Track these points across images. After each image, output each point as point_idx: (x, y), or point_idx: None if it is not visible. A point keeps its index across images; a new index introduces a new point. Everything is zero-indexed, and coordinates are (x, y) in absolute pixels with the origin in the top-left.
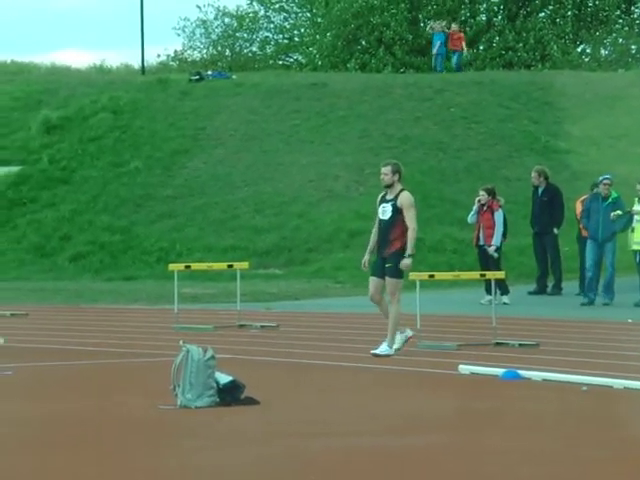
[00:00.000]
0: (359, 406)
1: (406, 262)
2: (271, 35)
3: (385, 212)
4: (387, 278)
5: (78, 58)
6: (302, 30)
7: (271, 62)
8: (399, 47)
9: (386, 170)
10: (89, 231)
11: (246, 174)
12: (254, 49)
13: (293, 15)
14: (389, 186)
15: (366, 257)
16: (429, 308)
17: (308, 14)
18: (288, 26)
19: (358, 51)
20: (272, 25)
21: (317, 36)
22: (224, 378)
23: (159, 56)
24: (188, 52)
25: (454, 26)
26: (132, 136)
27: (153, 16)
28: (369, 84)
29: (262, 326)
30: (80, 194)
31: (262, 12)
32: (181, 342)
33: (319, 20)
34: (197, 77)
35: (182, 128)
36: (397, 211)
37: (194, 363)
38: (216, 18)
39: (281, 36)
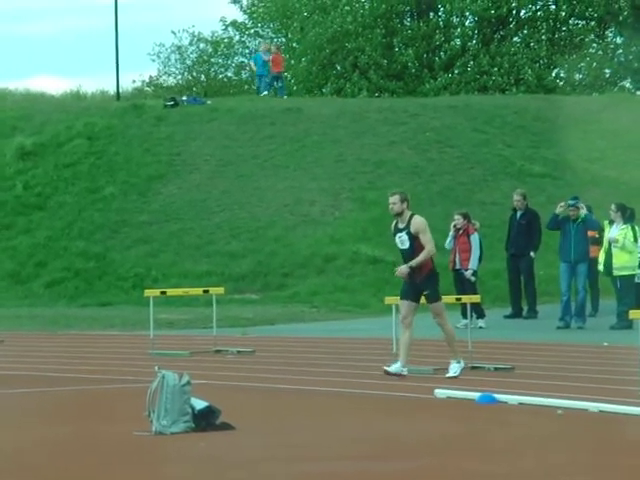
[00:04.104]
0: (336, 431)
1: (402, 269)
2: (246, 60)
3: (403, 242)
4: (430, 305)
5: (53, 84)
6: None
7: (246, 87)
8: (374, 72)
9: (394, 199)
10: (64, 257)
11: (221, 199)
12: (229, 74)
13: (268, 40)
14: (399, 214)
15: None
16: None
17: (283, 39)
18: None
19: (333, 76)
20: (247, 50)
21: (292, 61)
22: (200, 404)
23: (134, 82)
24: (163, 78)
25: (273, 48)
26: (107, 162)
27: (128, 42)
28: (344, 109)
29: (238, 351)
30: (55, 220)
31: (237, 37)
32: (156, 368)
33: (294, 45)
34: (172, 102)
35: (157, 154)
36: (413, 238)
37: (169, 389)
38: (191, 44)
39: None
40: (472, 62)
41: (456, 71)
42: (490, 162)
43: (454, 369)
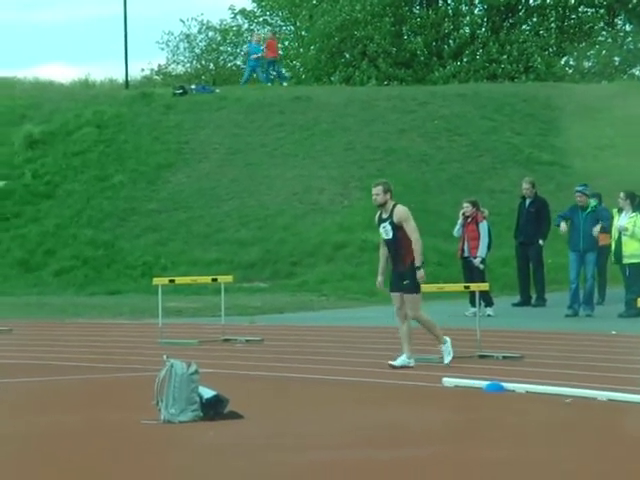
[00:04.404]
0: (344, 419)
1: (420, 273)
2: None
3: (387, 232)
4: (405, 295)
5: (62, 73)
6: (286, 43)
7: (255, 76)
8: (383, 60)
9: (377, 190)
10: (73, 245)
11: (230, 188)
12: (238, 63)
13: (277, 28)
14: (382, 205)
15: (379, 279)
16: (413, 320)
17: (292, 27)
18: None
19: (342, 64)
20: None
21: (301, 49)
22: (207, 392)
23: (143, 70)
24: (172, 66)
25: (269, 34)
26: (116, 150)
27: (137, 30)
28: (353, 97)
29: (247, 340)
30: (64, 208)
31: (246, 26)
32: (165, 356)
33: (303, 33)
34: (181, 91)
35: (166, 142)
36: (397, 228)
37: (177, 377)
38: (200, 32)
39: (278, 46)
40: (481, 50)
41: (465, 59)
42: (499, 150)
43: (446, 352)
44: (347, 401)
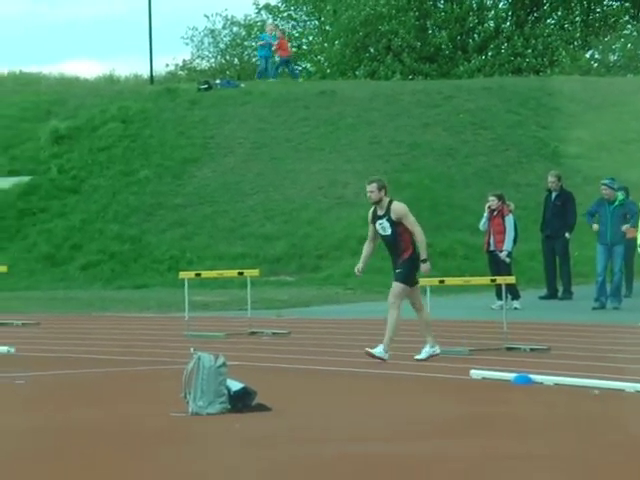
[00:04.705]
0: (371, 412)
1: (425, 267)
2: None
3: (384, 228)
4: (394, 282)
5: (87, 68)
6: (310, 38)
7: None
8: (407, 54)
9: (371, 188)
10: (99, 240)
11: (256, 182)
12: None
13: (301, 23)
14: (377, 202)
15: (360, 265)
16: (440, 313)
17: (316, 22)
18: (296, 34)
19: (367, 59)
20: None
21: (325, 44)
22: (235, 385)
23: (168, 65)
24: (197, 61)
25: (278, 32)
26: (142, 145)
27: (161, 26)
28: (378, 91)
29: (273, 333)
30: (90, 203)
31: (270, 21)
32: (192, 349)
33: (327, 28)
34: (206, 86)
35: (191, 137)
36: (394, 224)
37: (205, 370)
38: (224, 27)
39: (290, 44)
40: (506, 44)
41: (490, 53)
42: (525, 144)
43: (379, 351)
44: (374, 394)
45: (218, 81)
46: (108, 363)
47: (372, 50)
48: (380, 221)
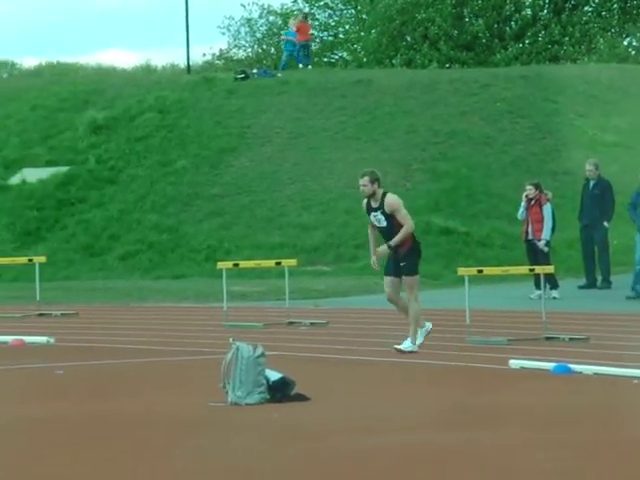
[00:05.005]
0: (409, 402)
1: (382, 249)
2: (316, 32)
3: (380, 221)
4: (404, 277)
5: (123, 58)
6: (347, 27)
7: (316, 59)
8: (444, 43)
9: (364, 181)
10: (137, 230)
11: (293, 172)
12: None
13: (338, 12)
14: (371, 195)
15: (373, 258)
16: (478, 303)
17: (353, 11)
18: (333, 23)
19: (403, 47)
20: (317, 22)
21: (362, 33)
22: (274, 375)
23: (204, 55)
24: (233, 51)
25: (300, 18)
26: (179, 135)
27: (198, 15)
28: (415, 80)
29: (311, 323)
30: (128, 193)
31: (307, 9)
32: (231, 340)
33: (364, 17)
34: (242, 75)
35: (228, 126)
36: (389, 216)
37: (244, 360)
38: (261, 16)
39: (326, 33)
40: (543, 32)
41: (527, 41)
42: (562, 132)
43: (407, 344)
44: (412, 383)
45: (255, 70)
46: (146, 353)
47: (409, 38)
48: (374, 213)
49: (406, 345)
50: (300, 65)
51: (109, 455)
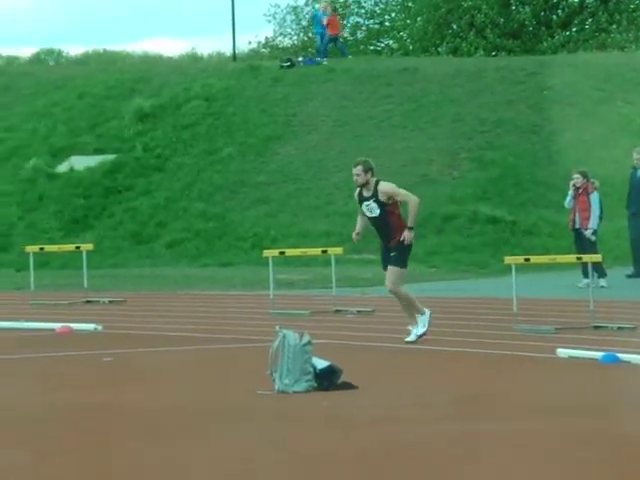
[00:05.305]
0: (457, 390)
1: (407, 235)
2: (362, 20)
3: (372, 210)
4: (389, 267)
5: (169, 46)
6: (393, 15)
7: (362, 47)
8: (491, 30)
9: (357, 171)
10: (184, 218)
11: (339, 159)
12: (345, 35)
13: (384, 0)
14: (364, 185)
15: (357, 229)
16: (525, 292)
17: None
18: (379, 11)
19: (449, 35)
20: (363, 10)
21: (408, 21)
22: (321, 363)
23: (250, 43)
24: (279, 38)
25: (329, 9)
26: (225, 123)
27: (244, 3)
28: (461, 68)
29: (358, 311)
30: (175, 181)
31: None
32: (277, 327)
33: (410, 5)
34: (288, 63)
35: (274, 114)
36: (382, 205)
37: (291, 348)
38: (306, 4)
39: (372, 21)
40: (590, 19)
41: (574, 29)
42: (610, 120)
43: (422, 323)
44: (460, 371)
45: (301, 58)
46: (194, 341)
47: (455, 26)
48: (367, 202)
49: (413, 335)
50: (323, 59)
51: (159, 441)
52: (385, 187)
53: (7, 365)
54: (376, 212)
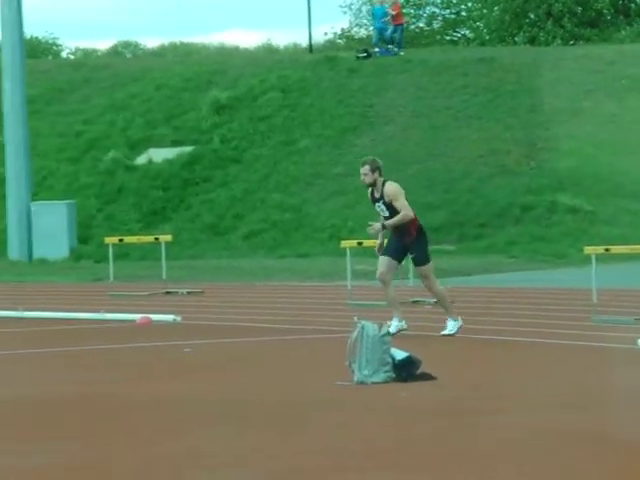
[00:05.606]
0: (537, 381)
1: (375, 226)
2: (438, 10)
3: (383, 210)
4: (418, 268)
5: (245, 38)
6: (469, 4)
7: (438, 37)
8: (568, 19)
9: (365, 170)
10: (261, 209)
11: (415, 151)
12: (421, 25)
13: None
14: (372, 185)
15: (378, 242)
16: (605, 282)
17: None
18: (455, 1)
19: (526, 24)
20: (439, 0)
21: (484, 10)
22: (400, 354)
23: (326, 34)
24: (355, 29)
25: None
26: (301, 114)
27: None
28: (538, 57)
29: (435, 302)
30: (251, 173)
31: None
32: (356, 318)
33: None
34: (364, 54)
35: (351, 105)
36: (389, 206)
37: (369, 339)
38: None
39: (448, 11)
40: None
41: None
42: None
43: (450, 326)
44: (539, 362)
45: (377, 49)
46: (272, 332)
47: (532, 15)
48: (378, 204)
49: (450, 328)
50: (399, 50)
51: (242, 432)
52: (389, 189)
53: (89, 356)
54: (386, 213)
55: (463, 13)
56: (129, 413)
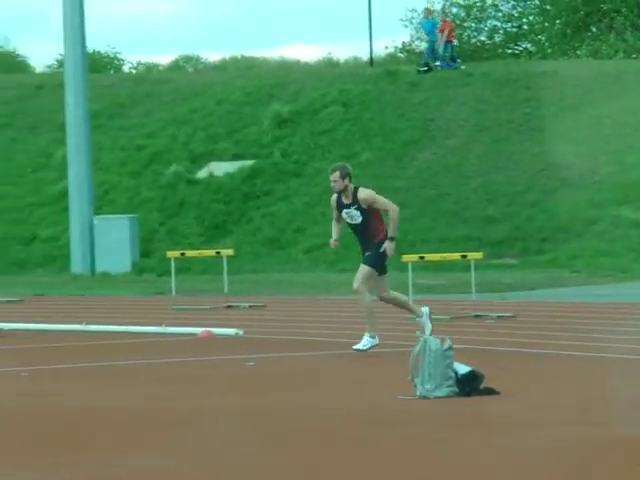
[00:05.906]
0: (601, 395)
1: (389, 246)
2: (499, 24)
3: (353, 217)
4: (362, 264)
5: (306, 52)
6: (531, 18)
7: (500, 51)
8: (631, 33)
9: (334, 177)
10: (322, 223)
11: (477, 164)
12: (482, 38)
13: (521, 3)
14: (342, 191)
15: (334, 236)
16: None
17: (537, 1)
18: (516, 14)
19: (588, 38)
20: (500, 14)
21: (546, 23)
22: (463, 368)
23: (387, 48)
24: (416, 43)
25: (437, 15)
26: (362, 128)
27: (380, 8)
28: (601, 71)
29: (498, 316)
30: (312, 187)
31: (490, 1)
32: (418, 333)
33: (548, 7)
34: (425, 68)
35: (412, 119)
36: (364, 211)
37: (432, 353)
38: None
39: (510, 24)
40: None
41: None
42: None
43: (364, 342)
44: (603, 376)
45: (438, 63)
46: (334, 346)
47: (594, 29)
48: (347, 210)
49: (363, 343)
50: (460, 64)
51: (306, 448)
52: (364, 195)
53: (151, 369)
54: (358, 219)
55: (525, 26)
56: (198, 425)
